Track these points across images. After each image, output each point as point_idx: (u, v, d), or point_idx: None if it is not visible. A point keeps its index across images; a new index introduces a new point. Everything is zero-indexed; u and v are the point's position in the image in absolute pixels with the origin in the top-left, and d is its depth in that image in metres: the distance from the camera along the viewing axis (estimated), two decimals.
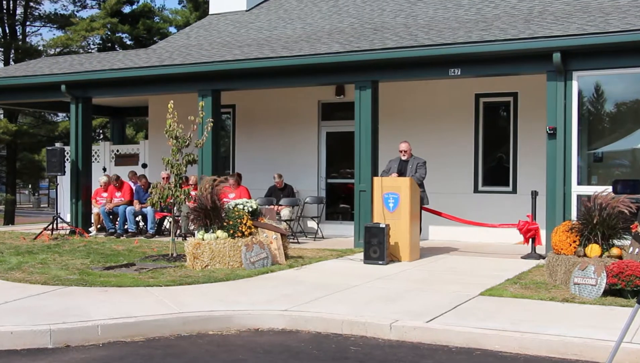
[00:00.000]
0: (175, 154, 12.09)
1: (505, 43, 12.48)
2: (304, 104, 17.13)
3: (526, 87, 14.59)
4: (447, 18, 15.65)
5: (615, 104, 13.17)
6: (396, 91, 15.51)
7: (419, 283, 9.81)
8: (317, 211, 16.40)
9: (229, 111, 18.06)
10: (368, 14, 17.70)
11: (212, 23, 20.90)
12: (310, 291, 9.06)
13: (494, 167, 15.48)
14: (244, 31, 18.96)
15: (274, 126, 17.43)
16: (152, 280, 9.72)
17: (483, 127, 15.36)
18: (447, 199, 14.70)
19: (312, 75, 14.45)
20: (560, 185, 12.15)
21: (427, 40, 13.55)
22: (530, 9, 14.90)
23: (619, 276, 8.32)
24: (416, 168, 12.85)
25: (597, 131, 13.29)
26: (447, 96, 15.47)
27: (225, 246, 11.04)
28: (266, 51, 15.34)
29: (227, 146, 18.29)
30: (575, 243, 9.49)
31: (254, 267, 10.80)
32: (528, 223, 12.29)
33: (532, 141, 14.37)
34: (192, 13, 38.78)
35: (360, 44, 14.25)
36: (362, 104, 13.86)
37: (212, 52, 16.32)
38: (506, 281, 9.74)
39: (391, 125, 15.42)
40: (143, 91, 16.61)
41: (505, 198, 14.89)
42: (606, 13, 13.07)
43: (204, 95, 15.23)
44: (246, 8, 21.22)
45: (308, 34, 16.81)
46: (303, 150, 17.12)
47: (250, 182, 16.43)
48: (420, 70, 13.49)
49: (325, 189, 17.07)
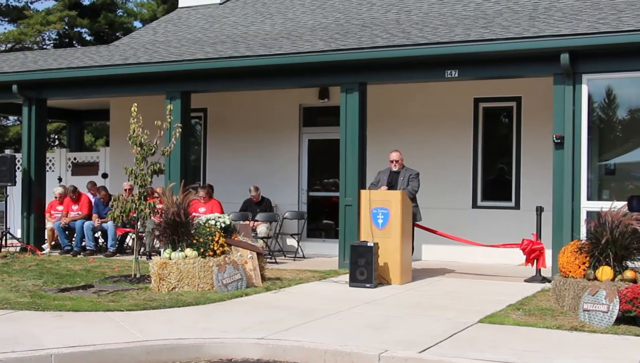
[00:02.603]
0: (140, 163, 12.05)
1: (507, 42, 12.52)
2: (284, 108, 17.12)
3: (531, 92, 14.66)
4: (444, 14, 15.71)
5: (629, 110, 13.25)
6: (386, 95, 15.53)
7: (410, 308, 9.78)
8: (298, 228, 16.36)
9: (200, 115, 18.02)
10: (356, 9, 17.75)
11: (182, 17, 20.89)
12: (290, 318, 9.01)
13: (494, 180, 15.52)
14: (218, 26, 18.95)
15: (250, 133, 17.40)
16: (113, 304, 9.64)
17: (483, 136, 15.41)
18: (443, 215, 14.71)
19: (293, 76, 14.43)
20: (568, 200, 12.19)
21: (421, 38, 13.58)
22: (535, 5, 15.00)
23: (633, 302, 8.33)
24: (408, 180, 12.85)
25: (609, 140, 13.36)
26: (443, 101, 15.51)
27: (195, 266, 10.98)
28: (242, 48, 15.32)
29: (197, 155, 18.23)
30: (584, 264, 9.51)
31: (227, 290, 10.75)
32: (532, 242, 12.30)
33: (537, 151, 14.42)
34: (160, 6, 38.77)
35: (347, 42, 14.26)
36: (348, 108, 13.86)
37: (182, 50, 16.30)
38: (508, 307, 9.73)
39: (381, 132, 15.43)
40: (104, 92, 16.54)
41: (507, 214, 14.92)
42: (619, 10, 13.16)
43: (173, 97, 15.19)
44: (220, 1, 21.23)
45: (289, 30, 16.83)
46: (282, 159, 17.10)
47: (223, 195, 16.38)
48: (413, 71, 13.51)
49: (306, 203, 17.04)
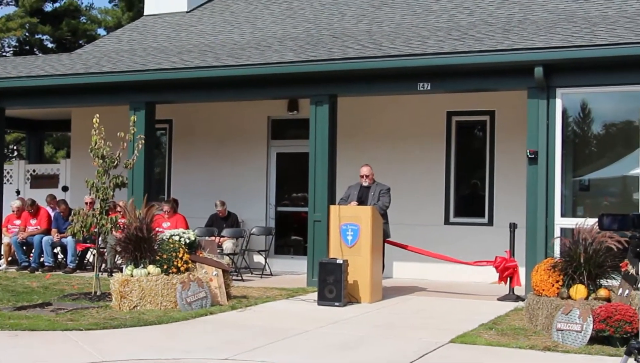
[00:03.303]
0: (102, 176, 11.98)
1: (481, 55, 12.63)
2: (252, 120, 17.10)
3: (504, 105, 14.76)
4: (416, 25, 15.80)
5: (604, 125, 13.38)
6: (357, 107, 15.57)
7: (381, 328, 9.79)
8: (265, 244, 16.33)
9: (165, 126, 17.94)
10: (326, 19, 17.81)
11: (148, 25, 20.83)
12: (256, 337, 8.98)
13: (467, 195, 15.60)
14: (184, 35, 18.92)
15: (217, 145, 17.36)
16: (71, 323, 9.56)
17: (456, 150, 15.49)
18: (414, 231, 14.74)
19: (261, 87, 14.44)
20: (542, 217, 12.28)
21: (392, 50, 13.64)
22: (509, 17, 15.13)
23: (606, 322, 8.40)
24: (379, 196, 12.87)
25: (584, 155, 13.48)
26: (416, 114, 15.58)
27: (158, 283, 10.92)
28: (209, 58, 15.30)
29: (162, 168, 18.16)
30: (558, 283, 9.58)
31: (191, 308, 10.69)
32: (505, 259, 12.37)
33: (511, 166, 14.51)
34: (125, 13, 38.59)
35: (317, 53, 14.30)
36: (318, 121, 13.88)
37: (147, 59, 16.24)
38: (480, 327, 9.77)
39: (351, 146, 15.45)
40: (65, 102, 16.44)
41: (480, 230, 14.99)
42: (593, 24, 13.32)
43: (137, 108, 15.12)
44: (187, 9, 21.19)
45: (258, 40, 16.84)
46: (250, 173, 17.07)
47: (189, 209, 16.29)
48: (384, 84, 13.58)
49: (274, 218, 17.01)
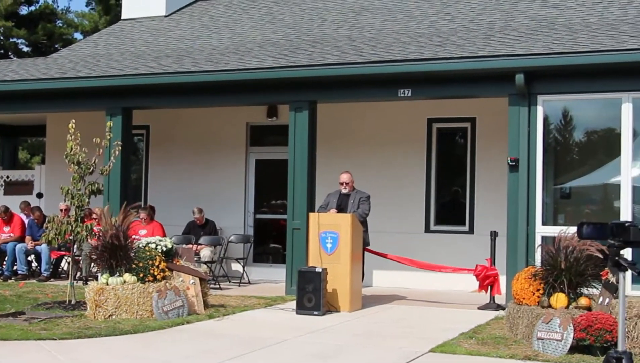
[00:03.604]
0: (77, 183, 11.94)
1: (462, 61, 12.69)
2: (231, 126, 17.09)
3: (485, 112, 14.83)
4: (397, 31, 15.85)
5: (586, 132, 13.47)
6: (337, 114, 15.58)
7: (360, 337, 9.80)
8: (244, 252, 16.29)
9: (142, 132, 17.90)
10: (306, 24, 17.83)
11: (125, 30, 20.78)
12: (233, 347, 8.97)
13: (448, 203, 15.64)
14: (162, 40, 18.89)
15: (195, 152, 17.33)
16: (45, 332, 9.50)
17: (436, 157, 15.53)
18: (394, 239, 14.76)
19: (240, 93, 14.44)
20: (523, 225, 12.34)
21: (373, 56, 13.68)
22: (490, 24, 15.20)
23: (587, 331, 8.44)
24: (358, 203, 12.89)
25: (565, 163, 13.56)
26: (396, 121, 15.61)
27: (134, 292, 10.88)
28: (187, 63, 15.28)
29: (139, 174, 18.10)
30: (539, 291, 9.62)
31: (168, 317, 10.66)
32: (486, 268, 12.41)
33: (492, 173, 14.56)
34: (102, 17, 38.50)
35: (297, 59, 14.31)
36: (297, 127, 13.88)
37: (124, 64, 16.21)
38: (460, 336, 9.80)
39: (331, 153, 15.47)
40: (40, 107, 16.38)
41: (460, 238, 15.03)
42: (574, 31, 13.41)
43: (113, 114, 15.07)
44: (165, 13, 21.16)
45: (237, 45, 16.84)
46: (228, 180, 17.05)
47: (166, 217, 16.26)
48: (365, 90, 13.61)
49: (253, 226, 16.99)
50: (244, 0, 20.92)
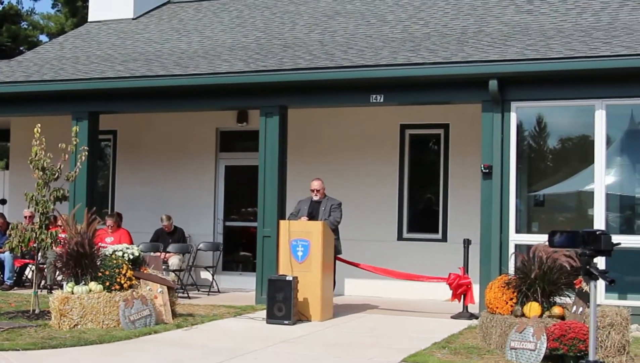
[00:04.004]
0: (42, 189, 11.88)
1: (435, 67, 12.77)
2: (200, 131, 17.07)
3: (459, 119, 14.91)
4: (370, 36, 15.91)
5: (560, 139, 13.59)
6: (308, 120, 15.61)
7: (331, 347, 9.81)
8: (213, 260, 16.25)
9: (109, 137, 17.83)
10: (278, 28, 17.85)
11: (92, 32, 20.69)
12: (202, 357, 8.96)
13: (421, 210, 15.71)
14: (130, 43, 18.83)
15: (163, 157, 17.29)
16: (8, 343, 9.43)
17: (409, 164, 15.60)
18: (366, 247, 14.80)
19: (209, 98, 14.44)
20: (496, 233, 12.42)
21: (345, 61, 13.72)
22: (464, 29, 15.30)
23: (560, 340, 8.51)
24: (330, 211, 12.92)
25: (539, 170, 13.67)
26: (369, 127, 15.66)
27: (100, 301, 10.83)
28: (155, 67, 15.26)
29: (105, 180, 18.03)
30: (512, 300, 9.69)
31: (134, 327, 10.62)
32: (459, 276, 12.48)
33: (465, 180, 14.63)
34: (69, 19, 38.27)
35: (267, 63, 14.33)
36: (268, 133, 13.90)
37: (91, 67, 16.15)
38: (433, 345, 9.84)
39: (302, 159, 15.50)
40: (4, 111, 16.28)
41: (433, 246, 15.09)
42: (548, 37, 13.53)
43: (79, 118, 15.01)
44: (133, 16, 21.08)
45: (206, 49, 16.82)
46: (197, 187, 17.02)
47: (133, 224, 16.21)
48: (336, 95, 13.66)
49: (222, 233, 16.98)
50: (214, 3, 20.91)
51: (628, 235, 12.34)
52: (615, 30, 13.33)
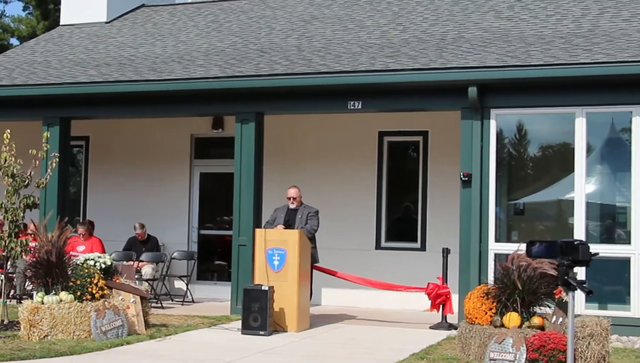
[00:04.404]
0: (11, 196, 11.82)
1: (413, 73, 12.83)
2: (174, 138, 17.05)
3: (438, 126, 14.97)
4: (347, 41, 15.94)
5: (540, 147, 13.67)
6: (285, 126, 15.62)
7: (307, 358, 9.82)
8: (187, 269, 16.22)
9: (81, 144, 17.77)
10: (254, 33, 17.85)
11: (64, 36, 20.62)
12: None
13: (399, 219, 15.74)
14: (103, 47, 18.77)
15: (137, 164, 17.25)
16: None
17: (387, 172, 15.64)
18: (344, 256, 14.82)
19: (184, 103, 14.43)
20: (476, 242, 12.48)
21: (322, 66, 13.75)
22: (443, 35, 15.35)
23: (540, 351, 8.55)
24: (307, 219, 12.94)
25: (519, 178, 13.74)
26: (346, 134, 15.70)
27: (71, 311, 10.78)
28: (129, 72, 15.22)
29: (77, 187, 17.96)
30: (491, 310, 9.74)
31: (106, 338, 10.58)
32: (438, 286, 12.52)
33: (444, 188, 14.69)
34: (40, 22, 38.10)
35: (244, 69, 14.34)
36: (243, 140, 13.90)
37: (62, 72, 16.09)
38: (411, 356, 9.87)
39: (278, 166, 15.51)
40: None
41: (412, 256, 15.13)
42: (528, 43, 13.62)
43: (51, 124, 14.96)
44: (106, 19, 21.01)
45: (181, 53, 16.80)
46: (171, 194, 16.98)
47: (106, 232, 16.14)
48: (314, 101, 13.69)
49: (197, 242, 16.95)
50: (189, 7, 20.91)
51: (608, 244, 12.42)
52: (595, 37, 13.44)
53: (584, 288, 5.09)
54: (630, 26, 13.86)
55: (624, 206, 12.54)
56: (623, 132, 12.70)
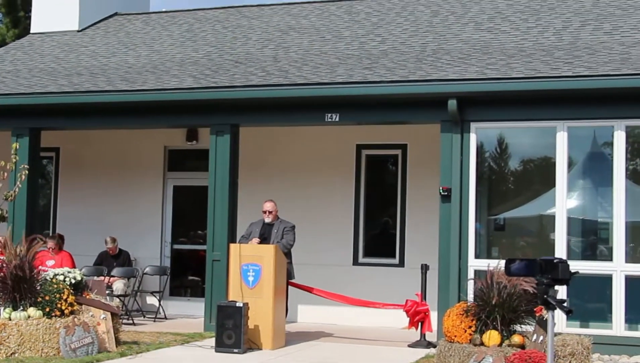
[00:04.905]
0: None
1: (392, 85, 12.87)
2: (147, 150, 17.01)
3: (417, 139, 15.01)
4: (325, 52, 15.98)
5: (521, 161, 13.73)
6: (261, 138, 15.63)
7: None
8: (160, 285, 16.18)
9: (51, 155, 17.68)
10: (230, 43, 17.86)
11: (34, 44, 20.54)
12: None
13: (377, 234, 15.75)
14: (74, 56, 18.72)
15: (109, 177, 17.18)
16: None
17: (365, 186, 15.66)
18: (320, 272, 14.80)
19: (158, 115, 14.41)
20: (455, 258, 12.50)
21: (299, 78, 13.77)
22: (423, 46, 15.42)
23: None
24: (283, 233, 12.93)
25: (500, 193, 13.79)
26: (324, 147, 15.70)
27: (39, 328, 10.72)
28: (101, 82, 15.19)
29: (47, 200, 17.87)
30: (471, 328, 9.77)
31: (76, 355, 10.53)
32: (417, 303, 12.52)
33: (424, 203, 14.72)
34: (10, 30, 37.91)
35: (219, 79, 14.34)
36: (218, 152, 13.89)
37: (32, 81, 16.03)
38: None
39: (254, 180, 15.49)
40: None
41: (390, 272, 15.14)
42: (509, 56, 13.70)
43: (20, 134, 14.87)
44: (78, 28, 20.94)
45: (155, 63, 16.78)
46: (144, 207, 16.93)
47: (76, 246, 16.06)
48: (290, 114, 13.71)
49: (170, 257, 16.90)
50: (163, 16, 20.89)
51: (590, 260, 12.48)
52: (577, 50, 13.54)
53: (563, 307, 5.11)
54: (612, 39, 13.98)
55: (606, 221, 12.60)
56: (605, 146, 12.77)
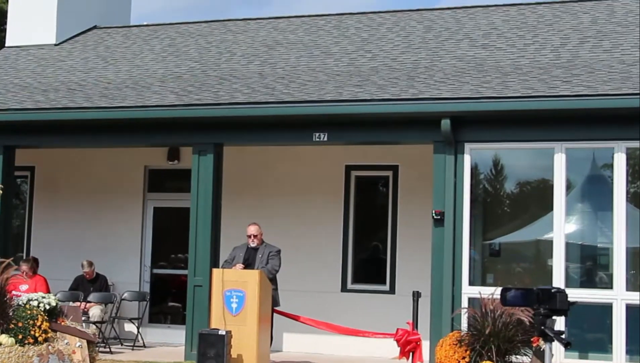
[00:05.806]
0: None
1: (383, 104, 12.88)
2: (126, 170, 17.00)
3: (409, 160, 15.03)
4: (313, 69, 16.01)
5: (518, 184, 13.76)
6: (246, 159, 15.65)
7: None
8: (139, 311, 16.11)
9: (26, 174, 17.67)
10: (214, 58, 17.87)
11: (10, 58, 20.53)
12: None
13: (367, 259, 15.75)
14: (51, 71, 18.71)
15: (86, 197, 17.15)
16: None
17: (355, 208, 15.67)
18: (307, 299, 14.79)
19: (138, 133, 14.42)
20: (448, 285, 12.48)
21: (286, 95, 13.79)
22: (415, 63, 15.45)
23: None
24: (268, 258, 12.90)
25: (496, 216, 13.81)
26: (311, 167, 15.72)
27: (11, 356, 10.65)
28: (79, 98, 15.17)
29: (21, 221, 17.82)
30: (464, 359, 9.77)
31: None
32: (408, 332, 12.48)
33: (415, 227, 14.69)
34: None
35: (202, 96, 14.34)
36: (201, 172, 13.88)
37: (7, 97, 16.01)
38: None
39: (238, 202, 15.48)
40: None
41: (380, 299, 15.13)
42: (504, 74, 13.73)
43: None
44: (55, 41, 20.93)
45: (135, 79, 16.78)
46: (122, 230, 16.90)
47: (51, 270, 16.01)
48: (277, 132, 13.72)
49: (150, 282, 16.87)
50: (144, 30, 20.89)
51: (589, 288, 12.49)
52: (575, 68, 13.59)
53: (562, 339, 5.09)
54: (612, 57, 14.04)
55: (606, 247, 12.61)
56: (605, 168, 12.81)
